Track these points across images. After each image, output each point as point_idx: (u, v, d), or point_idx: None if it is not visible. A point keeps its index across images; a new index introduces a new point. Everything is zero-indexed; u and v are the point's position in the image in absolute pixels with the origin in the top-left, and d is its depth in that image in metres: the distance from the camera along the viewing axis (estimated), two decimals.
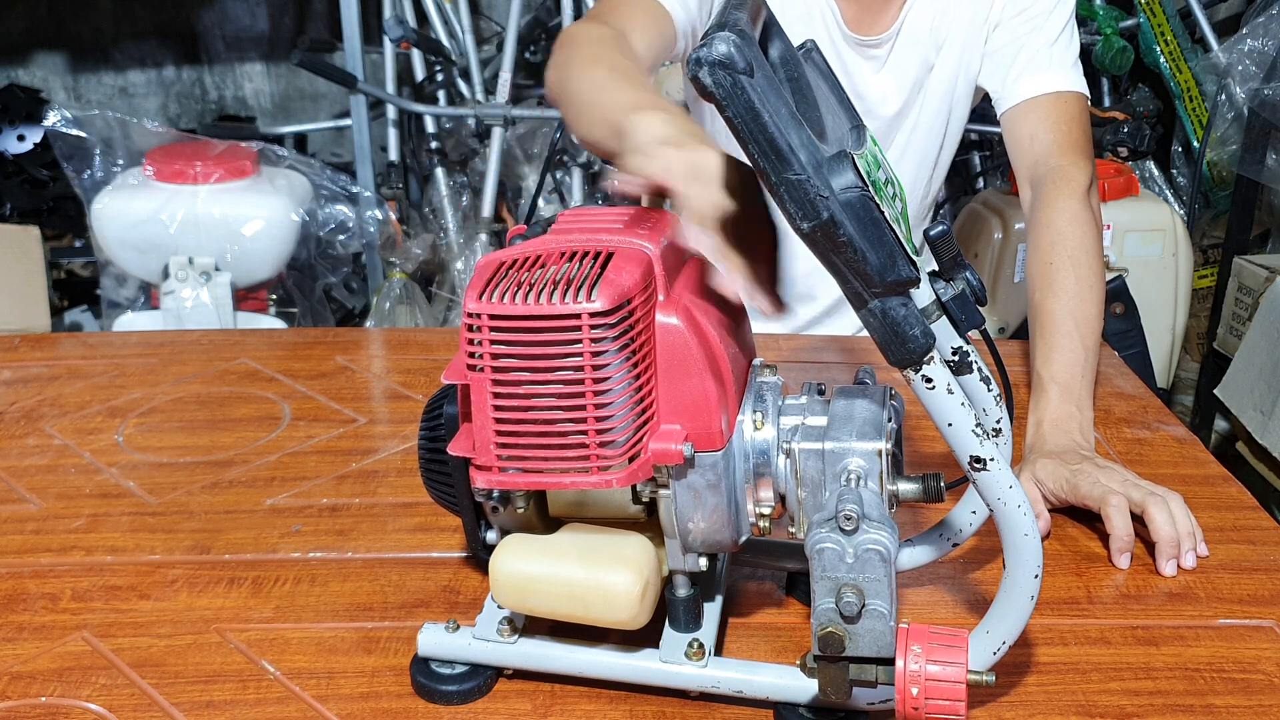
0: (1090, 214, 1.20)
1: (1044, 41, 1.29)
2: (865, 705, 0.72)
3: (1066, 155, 1.25)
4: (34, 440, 1.13)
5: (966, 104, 1.40)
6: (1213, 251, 2.85)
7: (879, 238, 0.60)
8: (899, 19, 1.32)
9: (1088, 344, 1.10)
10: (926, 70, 1.36)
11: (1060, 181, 1.22)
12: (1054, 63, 1.29)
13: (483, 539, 0.79)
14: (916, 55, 1.34)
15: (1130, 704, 0.77)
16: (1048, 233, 1.18)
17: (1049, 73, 1.28)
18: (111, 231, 2.19)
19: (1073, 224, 1.18)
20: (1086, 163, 1.25)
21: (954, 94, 1.38)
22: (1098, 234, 1.19)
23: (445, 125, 2.96)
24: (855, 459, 0.69)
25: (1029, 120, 1.28)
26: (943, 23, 1.33)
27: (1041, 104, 1.28)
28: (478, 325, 0.66)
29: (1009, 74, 1.31)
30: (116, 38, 3.37)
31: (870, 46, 1.34)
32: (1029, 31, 1.30)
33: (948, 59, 1.35)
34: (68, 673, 0.79)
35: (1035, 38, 1.30)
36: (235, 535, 0.96)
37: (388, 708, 0.76)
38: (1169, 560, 0.92)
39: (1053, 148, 1.26)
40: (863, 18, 1.32)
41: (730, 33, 0.57)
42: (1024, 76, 1.29)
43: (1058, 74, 1.28)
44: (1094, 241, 1.18)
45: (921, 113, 1.38)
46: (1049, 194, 1.21)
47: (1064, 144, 1.26)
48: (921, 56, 1.35)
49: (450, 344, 1.37)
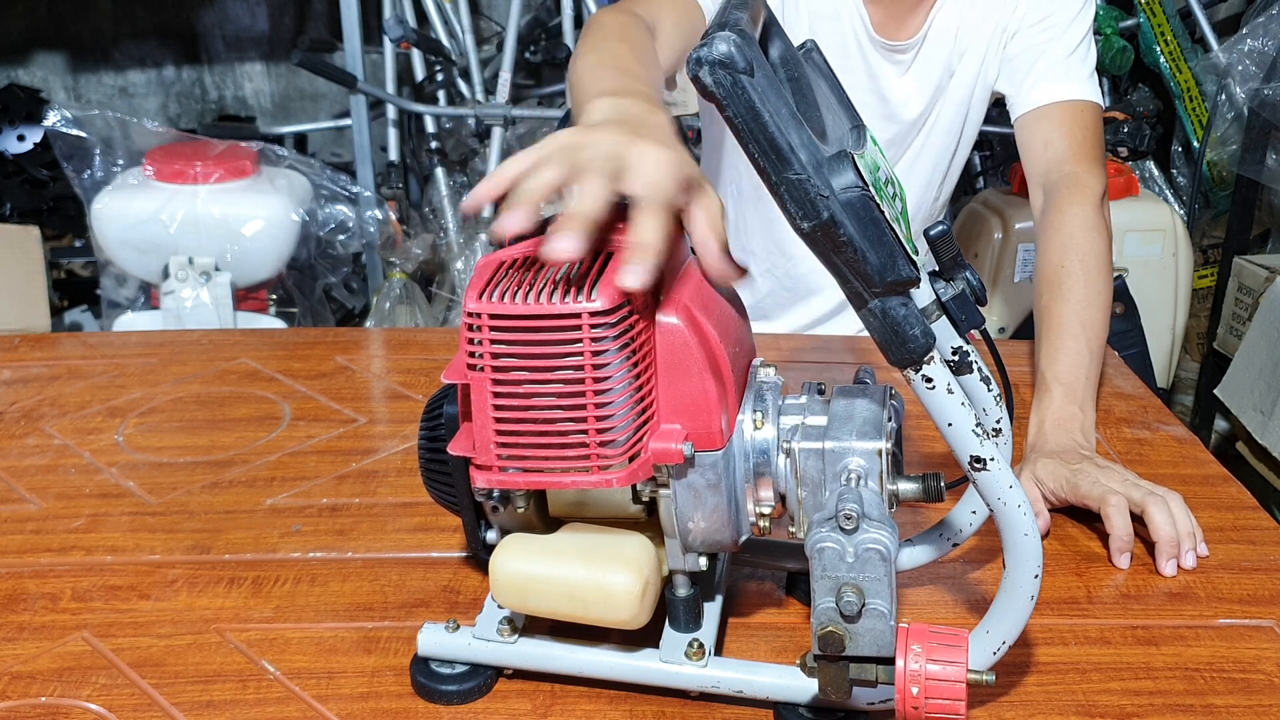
0: (1102, 221, 1.21)
1: (1063, 51, 1.31)
2: (865, 705, 0.72)
3: (1081, 163, 1.25)
4: (34, 440, 1.13)
5: (983, 108, 1.41)
6: (1213, 251, 2.85)
7: (879, 237, 0.60)
8: (925, 25, 1.33)
9: (1093, 348, 1.10)
10: (948, 76, 1.37)
11: (1075, 188, 1.22)
12: (1072, 72, 1.30)
13: (483, 539, 0.79)
14: (940, 61, 1.35)
15: (1130, 704, 0.77)
16: (1059, 236, 1.19)
17: (1067, 81, 1.30)
18: (111, 231, 2.19)
19: (1085, 229, 1.18)
20: (1101, 172, 1.26)
21: (972, 99, 1.39)
22: (1108, 242, 1.20)
23: (445, 125, 2.96)
24: (855, 458, 0.69)
25: (1044, 126, 1.29)
26: (966, 29, 1.34)
27: (1058, 111, 1.29)
28: (478, 325, 0.66)
29: (1026, 80, 1.32)
30: (116, 38, 3.37)
31: (896, 51, 1.34)
32: (1048, 40, 1.31)
33: (968, 65, 1.36)
34: (68, 673, 0.79)
35: (1055, 46, 1.31)
36: (235, 535, 0.96)
37: (388, 708, 0.76)
38: (1169, 560, 0.92)
39: (1068, 154, 1.26)
40: (890, 23, 1.33)
41: (731, 32, 0.57)
42: (1041, 83, 1.30)
43: (1076, 83, 1.30)
44: (1105, 248, 1.19)
45: (941, 117, 1.39)
46: (1063, 199, 1.22)
47: (1079, 152, 1.26)
48: (944, 62, 1.36)
49: (450, 344, 1.37)
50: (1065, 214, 1.20)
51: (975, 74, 1.36)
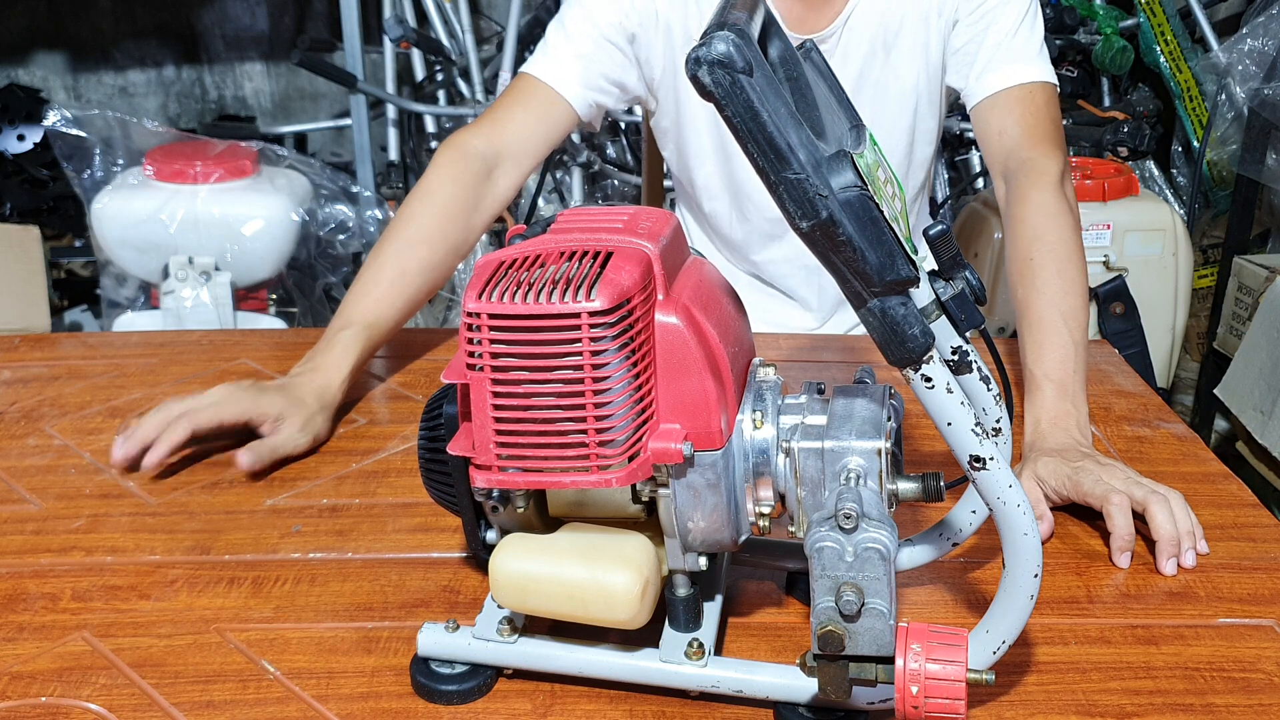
0: (1065, 204, 1.18)
1: (1002, 34, 1.28)
2: (865, 704, 0.72)
3: (1037, 147, 1.23)
4: (34, 440, 1.13)
5: (936, 105, 1.38)
6: (1213, 251, 2.85)
7: (878, 237, 0.60)
8: (843, 15, 1.30)
9: (1076, 338, 1.09)
10: (878, 67, 1.33)
11: (1033, 174, 1.20)
12: (1016, 54, 1.27)
13: (483, 539, 0.80)
14: (861, 51, 1.32)
15: (1130, 703, 0.77)
16: (1024, 229, 1.17)
17: (1011, 65, 1.27)
18: (111, 231, 2.19)
19: (1048, 217, 1.17)
20: (1058, 152, 1.23)
21: (918, 93, 1.35)
22: (1075, 225, 1.18)
23: (445, 125, 2.96)
24: (855, 458, 0.69)
25: (996, 114, 1.27)
26: (890, 19, 1.31)
27: (1007, 97, 1.27)
28: (477, 325, 0.66)
29: (972, 70, 1.29)
30: (116, 38, 3.37)
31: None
32: (986, 27, 1.28)
33: (904, 57, 1.33)
34: (68, 673, 0.79)
35: (993, 31, 1.28)
36: (235, 535, 0.96)
37: (388, 707, 0.76)
38: (1169, 559, 0.92)
39: (1022, 140, 1.24)
40: (806, 16, 1.31)
41: (729, 31, 0.57)
42: (987, 71, 1.28)
43: (1020, 65, 1.27)
44: (1071, 233, 1.17)
45: (881, 113, 1.36)
46: (1022, 188, 1.20)
47: (1033, 135, 1.24)
48: (867, 52, 1.33)
49: (450, 344, 1.37)
50: (1027, 204, 1.18)
51: (916, 66, 1.33)
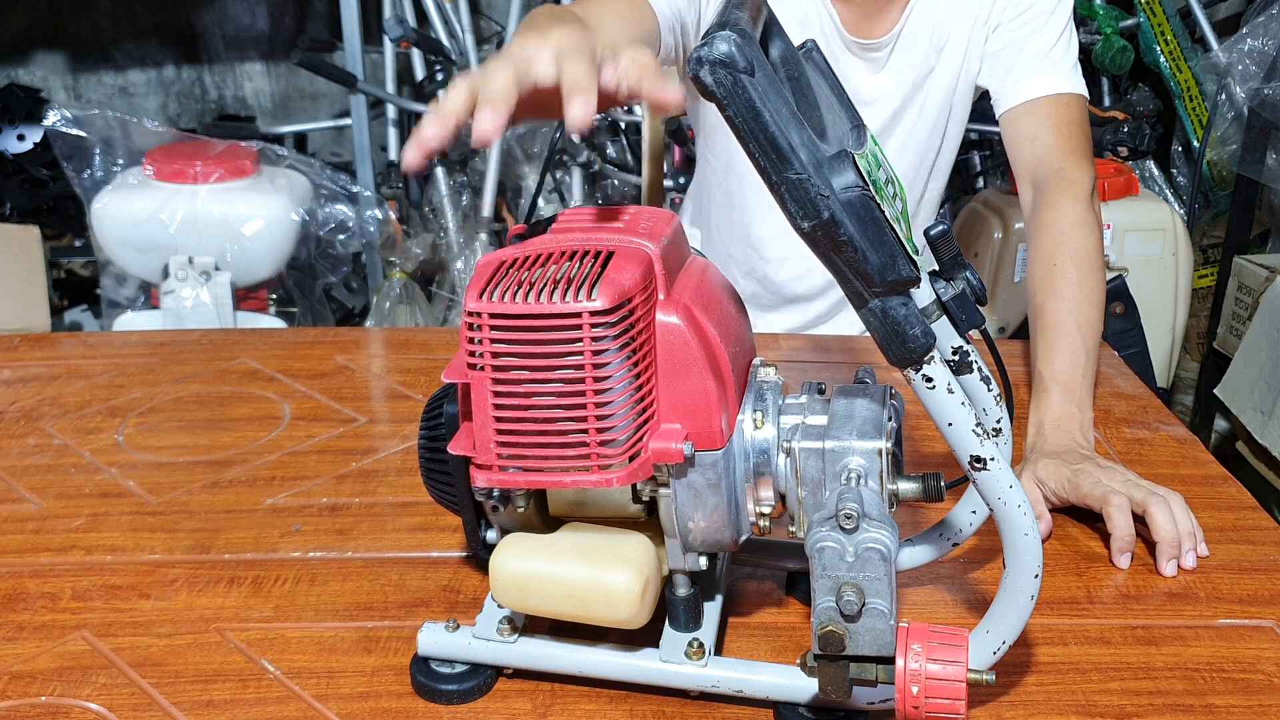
0: (1093, 217, 1.20)
1: (1044, 44, 1.30)
2: (865, 704, 0.72)
3: (1069, 158, 1.25)
4: (34, 440, 1.13)
5: (966, 104, 1.40)
6: (1213, 251, 2.85)
7: (879, 237, 0.60)
8: (900, 23, 1.33)
9: (1089, 346, 1.10)
10: (926, 72, 1.36)
11: (1063, 184, 1.22)
12: (1054, 65, 1.29)
13: (483, 538, 0.79)
14: (916, 58, 1.35)
15: (1130, 704, 0.77)
16: (1050, 235, 1.19)
17: (1050, 75, 1.29)
18: (111, 231, 2.19)
19: (1076, 227, 1.18)
20: (1089, 165, 1.25)
21: (954, 95, 1.38)
22: (1100, 237, 1.20)
23: None
24: (855, 458, 0.69)
25: (1029, 121, 1.29)
26: (943, 25, 1.34)
27: (1042, 105, 1.28)
28: (478, 324, 0.66)
29: (1009, 75, 1.31)
30: (116, 37, 3.37)
31: (870, 50, 1.34)
32: (1028, 34, 1.31)
33: (948, 61, 1.35)
34: (68, 672, 0.79)
35: (1035, 40, 1.30)
36: (235, 535, 0.96)
37: (388, 707, 0.76)
38: (1169, 560, 0.92)
39: (1055, 150, 1.26)
40: (862, 22, 1.33)
41: (731, 32, 0.57)
42: (1025, 78, 1.30)
43: (1059, 76, 1.29)
44: (1096, 244, 1.18)
45: (921, 114, 1.39)
46: (1052, 196, 1.21)
47: (1066, 146, 1.26)
48: (921, 59, 1.35)
49: (450, 344, 1.37)
50: (1056, 211, 1.20)
51: (957, 69, 1.36)
